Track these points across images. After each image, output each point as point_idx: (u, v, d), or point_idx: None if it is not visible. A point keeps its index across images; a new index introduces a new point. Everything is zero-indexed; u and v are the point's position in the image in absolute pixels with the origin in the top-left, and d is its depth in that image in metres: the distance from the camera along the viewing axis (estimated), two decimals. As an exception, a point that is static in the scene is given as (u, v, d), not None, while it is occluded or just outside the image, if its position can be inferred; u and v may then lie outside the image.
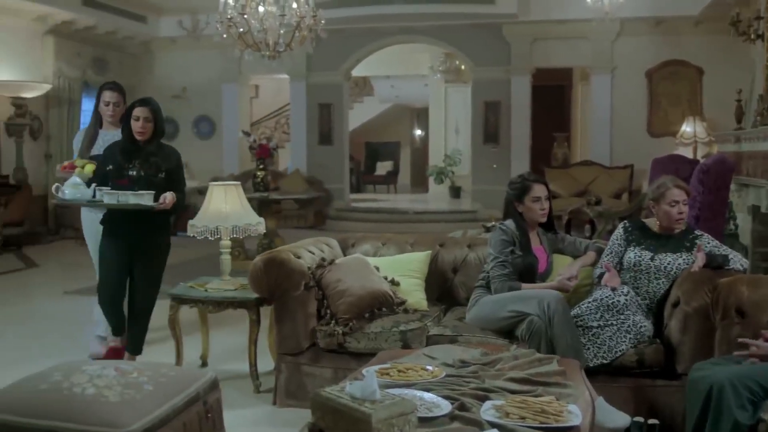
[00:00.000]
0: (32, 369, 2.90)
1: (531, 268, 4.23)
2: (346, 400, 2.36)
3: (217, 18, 8.82)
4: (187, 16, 13.94)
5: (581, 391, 2.95)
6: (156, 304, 4.86)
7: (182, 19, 13.91)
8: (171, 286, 5.00)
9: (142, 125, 4.63)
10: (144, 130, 4.64)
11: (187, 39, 14.17)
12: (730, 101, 9.45)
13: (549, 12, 12.77)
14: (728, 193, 6.99)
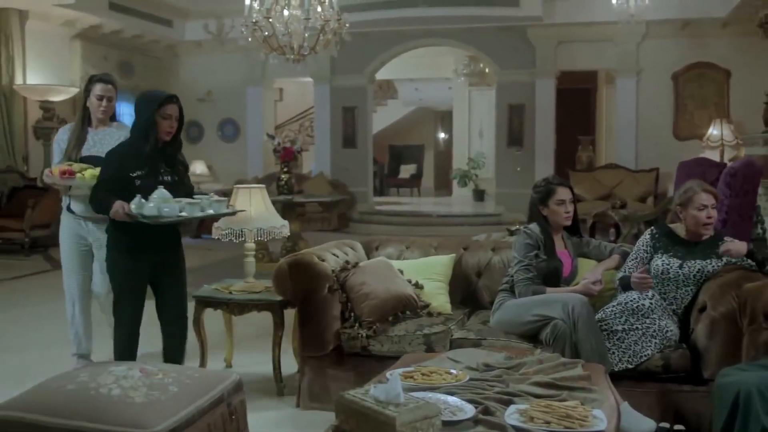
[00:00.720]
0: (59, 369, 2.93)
1: (555, 271, 4.20)
2: (370, 403, 2.36)
3: (242, 22, 8.86)
4: (212, 20, 14.03)
5: (606, 395, 2.94)
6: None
7: (208, 23, 14.00)
8: (196, 288, 5.03)
9: (172, 124, 4.15)
10: (173, 129, 4.19)
11: (212, 43, 14.26)
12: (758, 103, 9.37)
13: (574, 14, 12.72)
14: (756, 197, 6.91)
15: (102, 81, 4.80)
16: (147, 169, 4.12)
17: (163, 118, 4.11)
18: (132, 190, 4.05)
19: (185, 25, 14.68)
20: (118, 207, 3.97)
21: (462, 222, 13.60)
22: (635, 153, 12.98)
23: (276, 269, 4.38)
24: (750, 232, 6.80)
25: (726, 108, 12.48)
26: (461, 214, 14.63)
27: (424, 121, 22.82)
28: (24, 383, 2.82)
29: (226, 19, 13.79)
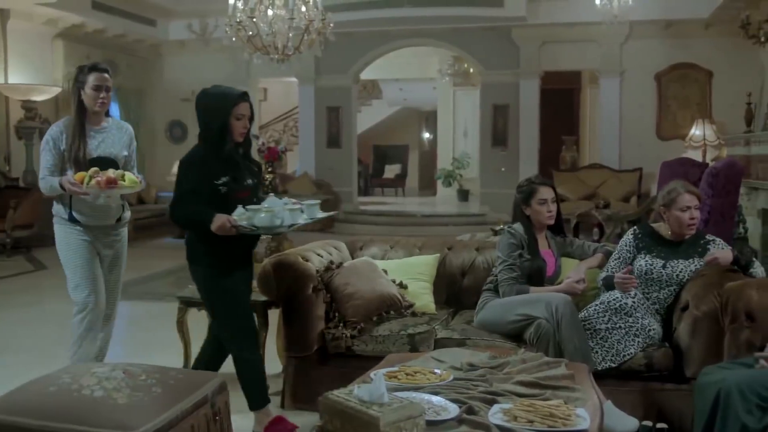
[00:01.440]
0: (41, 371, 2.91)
1: (539, 271, 4.22)
2: (354, 403, 2.36)
3: (226, 21, 8.83)
4: (196, 19, 13.97)
5: (589, 394, 2.95)
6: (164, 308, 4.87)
7: (191, 23, 13.94)
8: (179, 289, 5.01)
9: (245, 125, 3.86)
10: (247, 129, 3.90)
11: (196, 42, 14.20)
12: (739, 104, 9.44)
13: (557, 15, 12.77)
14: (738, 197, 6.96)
15: (97, 70, 4.29)
16: (230, 174, 3.79)
17: (236, 119, 3.81)
18: (218, 199, 3.72)
19: (169, 24, 14.61)
20: (224, 220, 3.60)
21: (446, 222, 13.62)
22: (619, 153, 13.05)
23: (260, 269, 4.37)
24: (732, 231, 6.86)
25: (708, 108, 12.56)
26: (445, 214, 14.65)
27: (409, 122, 22.83)
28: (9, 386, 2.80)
29: (210, 19, 13.74)
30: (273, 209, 3.65)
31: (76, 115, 4.29)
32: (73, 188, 4.05)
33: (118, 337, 5.98)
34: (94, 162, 4.22)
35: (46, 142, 4.26)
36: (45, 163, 4.25)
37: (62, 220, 4.32)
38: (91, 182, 4.05)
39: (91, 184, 4.05)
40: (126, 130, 4.50)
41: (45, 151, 4.26)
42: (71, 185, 4.06)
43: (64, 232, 4.33)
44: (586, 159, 15.38)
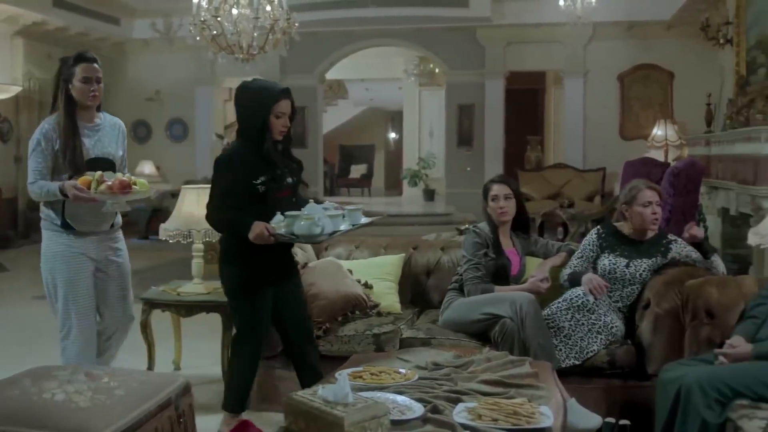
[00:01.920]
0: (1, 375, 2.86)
1: (504, 270, 4.25)
2: (318, 404, 2.36)
3: (190, 20, 8.77)
4: (160, 18, 13.84)
5: (553, 392, 2.98)
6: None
7: (156, 22, 13.81)
8: (143, 290, 4.96)
9: (285, 123, 3.72)
10: (287, 128, 3.74)
11: (160, 41, 14.07)
12: (700, 105, 9.57)
13: (522, 16, 12.85)
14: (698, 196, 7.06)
15: (84, 60, 3.92)
16: (269, 173, 3.64)
17: (276, 117, 3.66)
18: (256, 199, 3.61)
19: (133, 23, 14.45)
20: (262, 229, 3.45)
21: (412, 222, 13.61)
22: (582, 153, 13.16)
23: (224, 270, 4.33)
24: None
25: (670, 109, 12.73)
26: (411, 214, 14.64)
27: (375, 122, 22.84)
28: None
29: (174, 18, 13.63)
30: (313, 216, 3.47)
31: (65, 113, 3.85)
32: (81, 194, 3.66)
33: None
34: (91, 164, 3.86)
35: (37, 142, 3.82)
36: (35, 166, 3.81)
37: (53, 226, 3.90)
38: (101, 187, 3.68)
39: (101, 189, 3.68)
40: (119, 127, 4.15)
41: (36, 152, 3.82)
42: (77, 191, 3.66)
43: (55, 241, 3.90)
44: (551, 159, 15.50)
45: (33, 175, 3.83)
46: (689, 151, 9.88)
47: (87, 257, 3.93)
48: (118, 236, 4.20)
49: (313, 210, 3.51)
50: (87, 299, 3.93)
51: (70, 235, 3.89)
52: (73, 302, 3.88)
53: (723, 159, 7.61)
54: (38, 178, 3.81)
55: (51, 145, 3.81)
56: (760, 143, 5.90)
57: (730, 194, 7.36)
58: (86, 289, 3.92)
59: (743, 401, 2.91)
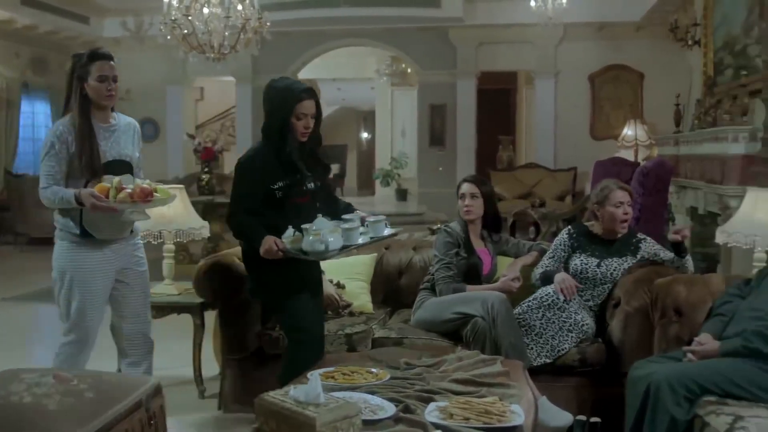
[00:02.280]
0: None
1: (475, 269, 4.27)
2: (290, 404, 2.35)
3: (161, 19, 8.71)
4: (130, 17, 13.72)
5: (524, 391, 3.00)
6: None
7: (126, 20, 13.68)
8: (113, 291, 4.91)
9: (308, 124, 3.61)
10: (309, 129, 3.63)
11: (130, 40, 13.94)
12: (669, 105, 9.67)
13: (494, 16, 12.90)
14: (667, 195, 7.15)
15: (103, 57, 3.69)
16: (289, 178, 3.56)
17: (297, 118, 3.56)
18: (274, 203, 3.55)
19: (103, 21, 14.31)
20: (271, 244, 3.39)
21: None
22: (554, 152, 13.25)
23: (196, 271, 4.32)
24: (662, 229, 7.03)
25: (640, 109, 12.85)
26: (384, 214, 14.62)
27: (347, 121, 22.84)
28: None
29: (144, 17, 13.52)
30: (319, 232, 3.33)
31: (80, 113, 3.62)
32: (99, 203, 3.42)
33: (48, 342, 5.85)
34: (108, 167, 3.63)
35: (51, 145, 3.58)
36: (48, 170, 3.57)
37: (70, 236, 3.64)
38: (121, 195, 3.43)
39: (121, 197, 3.43)
40: (134, 127, 3.91)
41: (49, 156, 3.58)
42: (95, 199, 3.42)
43: (73, 252, 3.64)
44: (523, 158, 15.58)
45: (46, 179, 3.59)
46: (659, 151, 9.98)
47: (107, 267, 3.69)
48: (138, 243, 3.93)
49: (321, 225, 3.36)
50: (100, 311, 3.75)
51: (88, 245, 3.64)
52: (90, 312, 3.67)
53: (691, 159, 7.70)
54: (51, 183, 3.58)
55: (65, 148, 3.57)
56: (727, 143, 5.97)
57: (698, 193, 7.45)
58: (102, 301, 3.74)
59: (711, 398, 2.95)
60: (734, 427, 2.70)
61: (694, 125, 8.11)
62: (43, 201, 3.60)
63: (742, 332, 3.10)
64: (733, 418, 2.76)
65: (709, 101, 7.73)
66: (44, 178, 3.59)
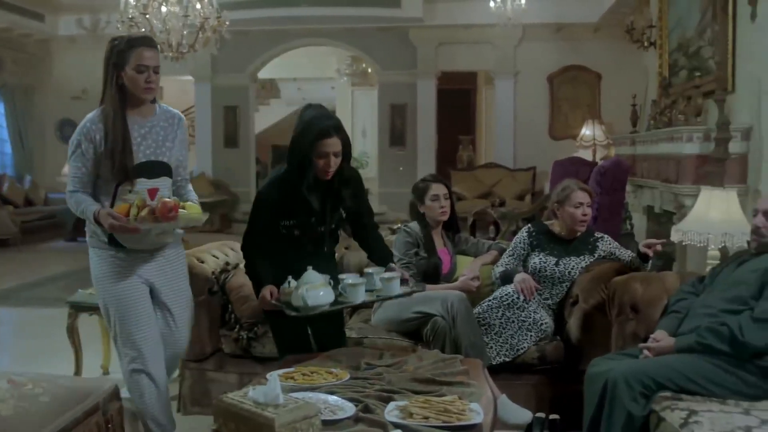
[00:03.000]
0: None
1: (435, 269, 4.28)
2: (248, 406, 2.34)
3: (117, 17, 8.59)
4: (86, 14, 13.52)
5: (484, 389, 3.01)
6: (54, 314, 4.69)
7: (82, 18, 13.48)
8: (70, 293, 4.85)
9: (329, 164, 3.34)
10: (331, 169, 3.36)
11: (87, 38, 13.73)
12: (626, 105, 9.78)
13: (454, 17, 12.95)
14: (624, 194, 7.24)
15: (146, 44, 3.27)
16: (301, 217, 3.41)
17: (318, 156, 3.30)
18: (285, 241, 3.42)
19: (58, 19, 14.08)
20: (266, 294, 3.29)
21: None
22: (513, 152, 13.34)
23: (154, 272, 4.26)
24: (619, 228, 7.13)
25: (598, 109, 12.99)
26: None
27: (308, 121, 22.73)
28: None
29: (101, 14, 13.34)
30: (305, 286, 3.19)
31: (113, 106, 3.23)
32: (119, 225, 3.09)
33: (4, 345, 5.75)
34: (141, 168, 3.25)
35: (77, 144, 3.23)
36: (74, 172, 3.24)
37: (100, 243, 3.31)
38: (143, 213, 3.08)
39: (143, 215, 3.07)
40: (177, 121, 3.45)
41: (75, 156, 3.23)
42: (114, 220, 3.09)
43: (104, 260, 3.32)
44: (482, 158, 15.68)
45: (72, 183, 3.25)
46: (616, 151, 10.11)
47: (139, 277, 3.35)
48: (178, 252, 3.55)
49: (309, 278, 3.20)
50: (148, 321, 3.36)
51: (120, 252, 3.30)
52: (136, 327, 3.32)
53: (647, 158, 7.80)
54: (78, 187, 3.24)
55: (93, 148, 3.22)
56: (682, 143, 6.07)
57: (654, 192, 7.56)
58: (146, 311, 3.36)
59: (666, 393, 3.00)
60: (688, 422, 2.75)
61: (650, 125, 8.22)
62: (69, 206, 3.29)
63: (696, 329, 3.15)
64: (688, 413, 2.81)
65: (664, 102, 7.84)
66: (71, 181, 3.26)
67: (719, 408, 2.88)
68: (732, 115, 5.69)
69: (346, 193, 3.50)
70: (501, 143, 13.64)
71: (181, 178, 3.50)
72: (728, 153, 5.32)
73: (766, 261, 3.18)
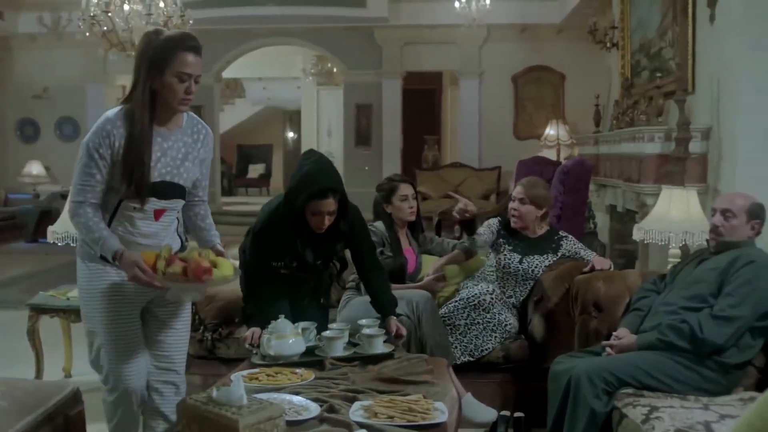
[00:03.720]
0: None
1: (401, 268, 4.28)
2: (212, 407, 2.32)
3: (79, 15, 8.49)
4: (47, 12, 13.33)
5: (448, 388, 3.02)
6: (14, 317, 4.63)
7: (42, 16, 13.29)
8: (30, 295, 4.78)
9: (322, 222, 3.36)
10: (324, 227, 3.38)
11: (48, 36, 13.54)
12: (589, 106, 9.89)
13: (419, 17, 12.98)
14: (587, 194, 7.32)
15: (192, 49, 2.82)
16: (291, 261, 3.44)
17: (312, 214, 3.31)
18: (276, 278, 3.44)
19: (18, 17, 13.84)
20: (248, 336, 3.36)
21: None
22: (478, 152, 13.39)
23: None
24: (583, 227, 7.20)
25: (561, 109, 13.10)
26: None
27: (273, 121, 22.65)
28: None
29: (62, 12, 13.16)
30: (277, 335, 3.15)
31: (142, 113, 2.77)
32: (143, 278, 2.69)
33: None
34: (152, 188, 2.81)
35: (95, 147, 2.78)
36: (85, 180, 2.79)
37: (89, 255, 2.90)
38: (172, 268, 2.71)
39: (172, 270, 2.71)
40: (204, 137, 3.04)
41: (90, 162, 2.77)
42: (139, 272, 2.69)
43: (94, 274, 2.90)
44: (448, 158, 15.72)
45: (80, 193, 2.79)
46: (579, 150, 10.20)
47: (133, 302, 2.94)
48: None
49: (280, 327, 3.17)
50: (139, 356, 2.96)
51: (111, 267, 2.84)
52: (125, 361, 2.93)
53: (610, 158, 7.89)
54: (88, 198, 2.79)
55: (111, 153, 2.77)
56: (644, 143, 6.14)
57: (617, 191, 7.64)
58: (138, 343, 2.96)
59: (628, 390, 3.05)
60: (650, 418, 2.79)
61: (612, 125, 8.31)
62: (70, 219, 2.86)
63: (657, 326, 3.20)
64: (649, 409, 2.85)
65: (626, 102, 7.93)
66: (78, 191, 2.79)
67: (680, 404, 2.92)
68: (692, 115, 5.78)
69: (339, 246, 3.56)
70: (466, 143, 13.69)
71: (199, 199, 3.11)
72: (688, 153, 5.40)
73: (725, 259, 3.24)
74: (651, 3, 7.43)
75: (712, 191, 5.48)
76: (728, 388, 3.10)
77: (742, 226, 3.29)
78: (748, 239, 3.31)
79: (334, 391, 2.81)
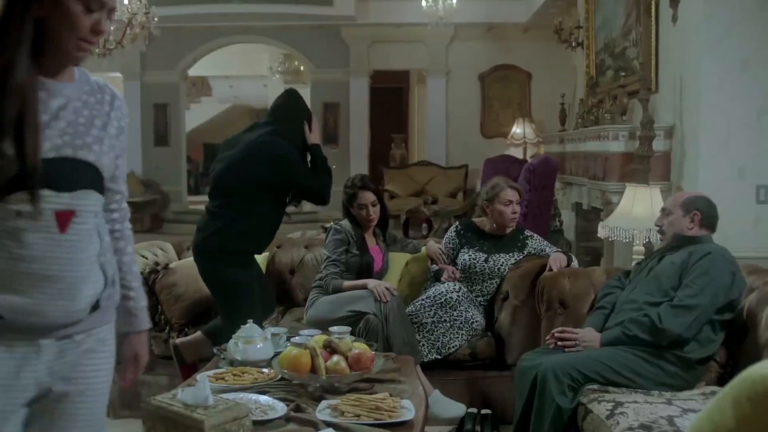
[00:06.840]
0: None
1: (368, 266, 4.27)
2: (177, 408, 2.30)
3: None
4: (8, 8, 13.11)
5: (415, 386, 3.03)
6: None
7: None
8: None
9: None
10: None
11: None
12: (555, 104, 9.95)
13: (386, 15, 12.98)
14: (553, 192, 7.38)
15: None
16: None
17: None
18: None
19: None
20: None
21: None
22: (446, 150, 13.43)
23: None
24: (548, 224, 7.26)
25: (528, 108, 13.17)
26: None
27: (240, 119, 22.48)
28: None
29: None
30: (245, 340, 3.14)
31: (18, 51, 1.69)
32: None
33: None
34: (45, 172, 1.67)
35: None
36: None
37: None
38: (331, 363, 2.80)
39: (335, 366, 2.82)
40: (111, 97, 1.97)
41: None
42: None
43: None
44: (415, 156, 15.75)
45: None
46: (545, 149, 10.26)
47: (22, 378, 1.73)
48: (99, 333, 1.92)
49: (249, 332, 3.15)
50: None
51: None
52: None
53: (576, 156, 7.94)
54: None
55: None
56: (608, 141, 6.19)
57: (582, 189, 7.70)
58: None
59: (593, 386, 3.08)
60: (614, 413, 2.81)
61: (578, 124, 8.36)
62: None
63: (621, 323, 3.24)
64: (614, 405, 2.88)
65: (591, 101, 7.98)
66: None
67: (644, 399, 2.96)
68: (655, 114, 5.84)
69: None
70: (433, 141, 13.72)
71: (117, 205, 2.02)
72: (652, 151, 5.46)
73: (684, 253, 3.29)
74: (615, 3, 7.50)
75: (675, 189, 5.54)
76: (691, 383, 3.14)
77: (679, 219, 3.38)
78: (704, 234, 3.37)
79: (301, 390, 2.80)
